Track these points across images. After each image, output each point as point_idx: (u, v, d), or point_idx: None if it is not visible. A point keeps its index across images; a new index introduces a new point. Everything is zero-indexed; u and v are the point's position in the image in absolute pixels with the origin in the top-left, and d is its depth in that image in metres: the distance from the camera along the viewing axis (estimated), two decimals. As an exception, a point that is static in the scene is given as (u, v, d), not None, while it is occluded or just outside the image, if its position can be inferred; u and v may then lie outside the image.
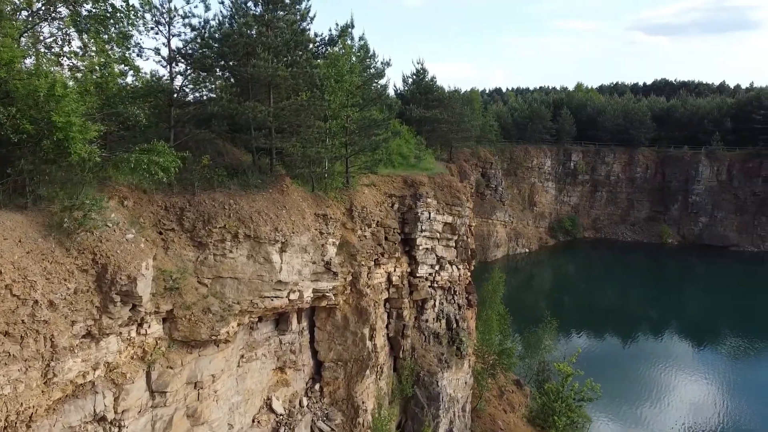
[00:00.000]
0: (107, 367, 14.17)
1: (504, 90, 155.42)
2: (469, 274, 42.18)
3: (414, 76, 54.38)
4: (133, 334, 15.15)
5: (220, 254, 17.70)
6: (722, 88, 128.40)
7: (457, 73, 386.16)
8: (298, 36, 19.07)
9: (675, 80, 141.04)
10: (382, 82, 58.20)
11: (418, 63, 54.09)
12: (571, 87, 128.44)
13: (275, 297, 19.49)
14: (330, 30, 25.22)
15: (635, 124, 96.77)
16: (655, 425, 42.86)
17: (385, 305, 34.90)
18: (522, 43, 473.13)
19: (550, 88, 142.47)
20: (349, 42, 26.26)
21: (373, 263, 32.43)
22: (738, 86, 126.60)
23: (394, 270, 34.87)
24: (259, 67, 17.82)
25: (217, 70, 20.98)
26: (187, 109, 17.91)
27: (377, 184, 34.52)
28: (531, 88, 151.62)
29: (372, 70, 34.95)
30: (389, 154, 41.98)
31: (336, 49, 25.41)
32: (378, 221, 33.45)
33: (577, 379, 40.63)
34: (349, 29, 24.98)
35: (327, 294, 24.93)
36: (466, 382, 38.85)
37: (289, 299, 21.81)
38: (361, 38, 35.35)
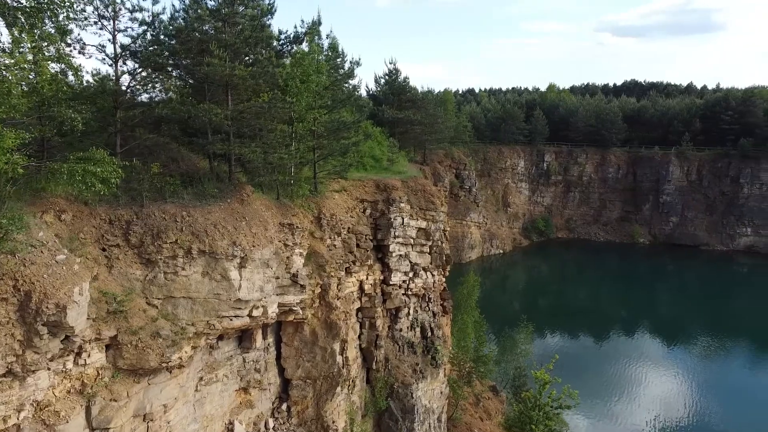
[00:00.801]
0: (36, 407, 12.44)
1: (477, 91, 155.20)
2: (444, 280, 41.07)
3: (386, 77, 53.12)
4: (70, 365, 13.45)
5: (171, 272, 16.05)
6: (690, 89, 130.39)
7: (430, 74, 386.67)
8: (259, 32, 17.53)
9: (644, 81, 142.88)
10: (354, 82, 56.92)
11: (390, 63, 52.93)
12: (543, 88, 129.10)
13: (235, 316, 17.91)
14: (296, 27, 23.69)
15: (607, 125, 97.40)
16: (627, 421, 43.38)
17: (357, 315, 33.53)
18: (494, 45, 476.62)
19: (523, 89, 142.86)
20: (316, 40, 24.75)
21: (344, 272, 31.06)
22: (705, 87, 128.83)
23: (367, 278, 33.51)
24: (214, 66, 16.23)
25: (171, 69, 19.28)
26: (132, 113, 16.17)
27: (348, 189, 33.11)
28: (504, 88, 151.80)
29: (342, 71, 33.55)
30: (361, 157, 40.61)
31: (303, 47, 23.95)
32: (349, 228, 32.04)
33: (554, 386, 39.91)
34: (316, 26, 23.46)
35: (294, 308, 23.40)
36: (441, 392, 37.71)
37: (251, 316, 20.25)
38: (328, 36, 33.89)
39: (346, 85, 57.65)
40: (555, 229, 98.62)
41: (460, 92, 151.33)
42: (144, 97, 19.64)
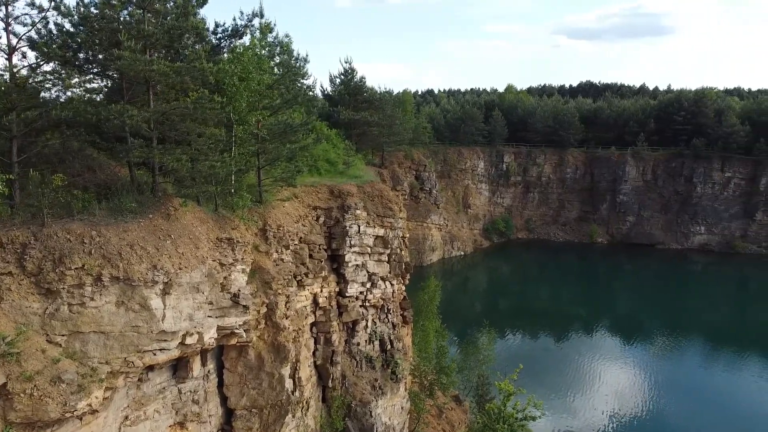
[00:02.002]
0: None
1: (436, 92, 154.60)
2: (403, 288, 39.29)
3: (342, 76, 50.96)
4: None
5: (77, 303, 13.57)
6: (643, 90, 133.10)
7: (391, 74, 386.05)
8: (183, 22, 15.22)
9: (599, 82, 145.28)
10: (308, 82, 54.48)
11: (345, 62, 50.76)
12: (501, 89, 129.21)
13: (160, 350, 15.52)
14: (234, 20, 21.35)
15: (564, 126, 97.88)
16: (587, 418, 44.04)
17: (311, 330, 31.41)
18: (454, 46, 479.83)
19: (482, 89, 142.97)
20: (257, 34, 22.44)
21: (295, 286, 28.90)
22: (657, 88, 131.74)
23: (321, 291, 31.39)
24: (125, 59, 13.83)
25: (87, 65, 16.70)
26: (25, 115, 13.58)
27: (300, 196, 30.91)
28: (463, 89, 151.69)
29: (295, 69, 31.30)
30: (315, 161, 38.41)
31: (245, 41, 21.67)
32: (301, 237, 29.86)
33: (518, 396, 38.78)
34: (257, 18, 21.18)
35: (237, 331, 21.05)
36: (402, 407, 35.89)
37: (184, 344, 17.85)
38: (270, 27, 31.37)
39: (299, 84, 55.31)
40: (515, 229, 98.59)
41: (420, 93, 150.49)
42: (55, 94, 16.97)
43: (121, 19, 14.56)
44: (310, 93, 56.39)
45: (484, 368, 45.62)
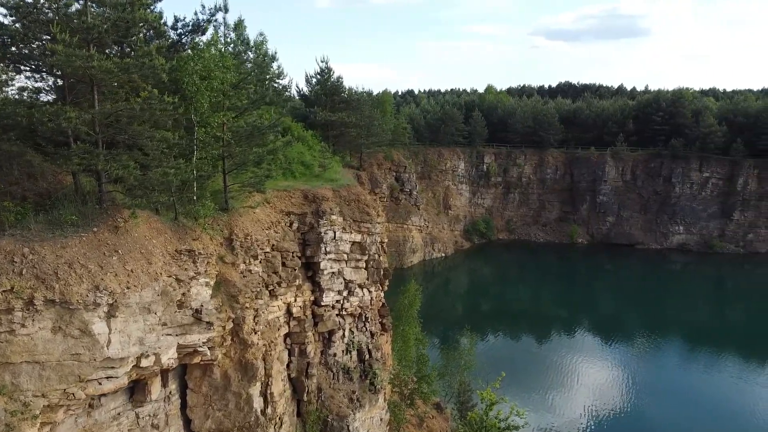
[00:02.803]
0: None
1: (416, 92, 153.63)
2: (382, 295, 37.96)
3: (318, 76, 49.45)
4: None
5: (6, 330, 11.97)
6: (621, 90, 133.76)
7: (370, 75, 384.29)
8: (131, 14, 13.64)
9: (578, 83, 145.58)
10: (284, 82, 52.85)
11: (322, 61, 49.25)
12: (481, 89, 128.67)
13: (107, 378, 13.97)
14: (196, 14, 19.80)
15: (544, 126, 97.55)
16: (567, 417, 44.10)
17: (285, 341, 29.92)
18: (434, 47, 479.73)
19: (462, 90, 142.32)
20: (222, 30, 20.93)
21: (267, 295, 27.45)
22: (634, 89, 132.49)
23: (295, 300, 29.93)
24: (59, 54, 12.25)
25: (21, 60, 15.03)
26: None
27: (272, 202, 29.40)
28: (443, 90, 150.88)
29: (262, 68, 29.77)
30: (289, 164, 36.94)
31: (210, 37, 20.11)
32: (273, 245, 28.37)
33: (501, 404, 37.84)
34: (221, 13, 19.68)
35: (200, 349, 19.53)
36: (381, 419, 34.56)
37: (140, 366, 16.33)
38: (242, 25, 29.80)
39: (270, 84, 53.67)
40: (496, 230, 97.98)
41: (400, 93, 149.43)
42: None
43: (58, 9, 12.97)
44: (287, 93, 55.03)
45: (466, 374, 44.63)
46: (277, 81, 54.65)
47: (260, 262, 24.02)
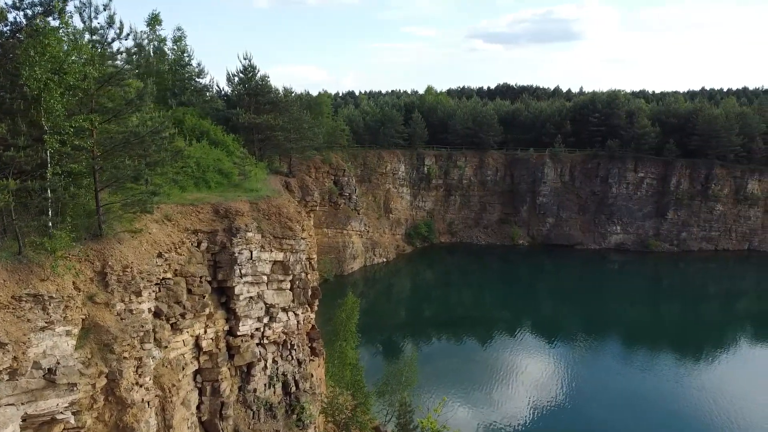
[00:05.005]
0: None
1: (357, 94, 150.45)
2: (312, 317, 34.42)
3: (241, 74, 45.24)
4: None
5: None
6: (557, 92, 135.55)
7: (308, 76, 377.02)
8: None
9: (516, 85, 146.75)
10: (204, 81, 48.07)
11: (245, 58, 45.07)
12: (422, 91, 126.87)
13: None
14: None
15: (484, 128, 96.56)
16: (507, 411, 44.63)
17: (195, 379, 25.94)
18: (375, 48, 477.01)
19: (402, 91, 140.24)
20: (90, 12, 16.78)
21: (169, 329, 23.47)
22: (570, 90, 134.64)
23: (205, 332, 26.02)
24: None
25: None
26: None
27: (174, 218, 25.32)
28: (383, 91, 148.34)
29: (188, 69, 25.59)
30: (203, 172, 32.82)
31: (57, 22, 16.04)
32: (176, 270, 24.36)
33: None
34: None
35: (60, 416, 15.45)
36: (312, 456, 31.03)
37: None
38: (158, 20, 25.61)
39: (196, 83, 48.66)
40: (437, 233, 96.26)
41: (340, 95, 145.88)
42: None
43: None
44: (208, 93, 50.42)
45: (406, 393, 41.71)
46: (196, 80, 50.24)
47: (149, 296, 19.95)
